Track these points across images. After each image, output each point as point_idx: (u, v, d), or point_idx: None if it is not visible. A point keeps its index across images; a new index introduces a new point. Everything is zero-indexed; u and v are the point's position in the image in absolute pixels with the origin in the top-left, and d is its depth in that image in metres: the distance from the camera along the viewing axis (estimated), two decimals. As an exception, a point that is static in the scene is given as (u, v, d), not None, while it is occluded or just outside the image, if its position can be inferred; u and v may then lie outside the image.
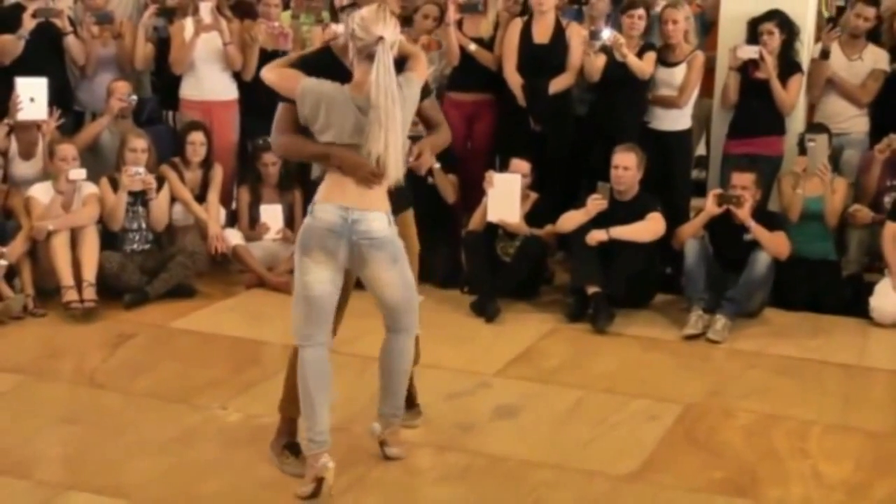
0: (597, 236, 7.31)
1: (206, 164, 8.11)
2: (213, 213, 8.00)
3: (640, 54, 7.92)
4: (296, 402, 5.00)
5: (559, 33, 8.06)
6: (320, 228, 4.71)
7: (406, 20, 8.70)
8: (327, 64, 4.77)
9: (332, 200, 4.71)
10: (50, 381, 6.27)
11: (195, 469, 5.16)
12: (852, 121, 8.28)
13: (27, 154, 7.91)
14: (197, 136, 8.03)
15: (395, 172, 4.64)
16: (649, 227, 7.39)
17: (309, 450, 4.84)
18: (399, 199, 4.97)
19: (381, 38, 4.50)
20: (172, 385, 6.19)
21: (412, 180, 7.59)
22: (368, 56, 4.54)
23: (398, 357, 5.10)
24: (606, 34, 7.80)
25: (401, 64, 4.70)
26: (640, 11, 7.95)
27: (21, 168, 7.84)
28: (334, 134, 4.63)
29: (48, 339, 6.95)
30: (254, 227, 8.14)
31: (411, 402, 5.56)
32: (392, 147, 4.56)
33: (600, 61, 7.92)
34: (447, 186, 8.01)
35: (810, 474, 5.25)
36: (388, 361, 5.10)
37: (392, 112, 4.51)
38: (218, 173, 8.13)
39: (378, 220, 4.75)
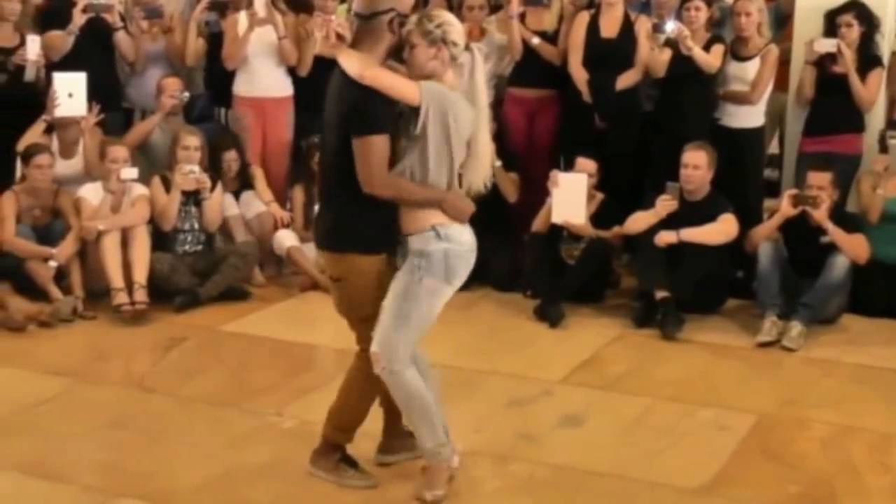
0: (666, 238, 7.25)
1: (242, 173, 8.26)
2: (264, 191, 8.25)
3: (707, 47, 7.84)
4: (348, 430, 5.01)
5: (627, 27, 8.03)
6: (466, 252, 4.75)
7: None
8: None
9: (454, 222, 4.72)
10: (99, 385, 6.31)
11: (247, 476, 5.17)
12: (935, 117, 8.16)
13: (68, 153, 7.97)
14: (230, 155, 8.16)
15: (490, 175, 4.85)
16: (721, 229, 7.31)
17: (436, 456, 4.85)
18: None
19: (468, 44, 4.70)
20: (224, 390, 6.22)
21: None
22: (457, 63, 4.68)
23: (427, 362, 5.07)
24: (670, 27, 7.73)
25: None
26: (698, 2, 7.84)
27: (61, 167, 7.88)
28: (457, 144, 4.64)
29: (97, 341, 7.01)
30: (308, 229, 8.14)
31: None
32: (491, 148, 4.82)
33: (665, 55, 7.86)
34: (508, 185, 7.98)
35: (890, 489, 5.17)
36: (429, 372, 5.01)
37: (488, 114, 4.78)
38: (258, 172, 8.32)
39: None
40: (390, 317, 4.68)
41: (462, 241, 4.73)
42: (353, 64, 4.58)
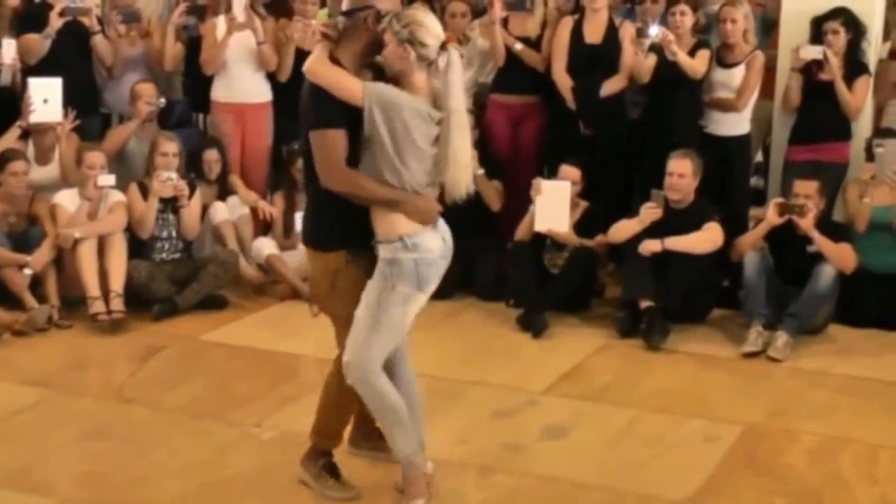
0: (651, 247, 7.29)
1: (222, 178, 8.25)
2: (247, 193, 8.28)
3: (692, 52, 7.88)
4: (332, 435, 5.04)
5: (612, 32, 8.06)
6: (437, 259, 4.72)
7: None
8: None
9: (423, 225, 4.70)
10: (76, 396, 6.31)
11: (229, 489, 5.18)
12: (922, 125, 8.21)
13: (44, 159, 7.96)
14: (211, 154, 8.16)
15: (470, 181, 4.77)
16: (706, 238, 7.35)
17: (412, 465, 4.86)
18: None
19: (445, 43, 4.61)
20: (204, 400, 6.23)
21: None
22: (430, 63, 4.62)
23: (413, 371, 5.05)
24: (655, 31, 7.76)
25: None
26: (683, 7, 7.88)
27: (37, 174, 7.88)
28: (413, 150, 4.60)
29: (74, 351, 7.01)
30: (288, 236, 8.15)
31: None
32: (471, 153, 4.75)
33: (650, 61, 7.90)
34: (492, 193, 8.02)
35: (879, 501, 5.21)
36: (413, 382, 5.01)
37: (466, 118, 4.69)
38: (237, 180, 8.33)
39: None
40: (364, 325, 4.71)
41: (431, 249, 4.70)
42: (310, 58, 4.70)
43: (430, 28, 4.63)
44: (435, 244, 4.72)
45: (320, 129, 4.64)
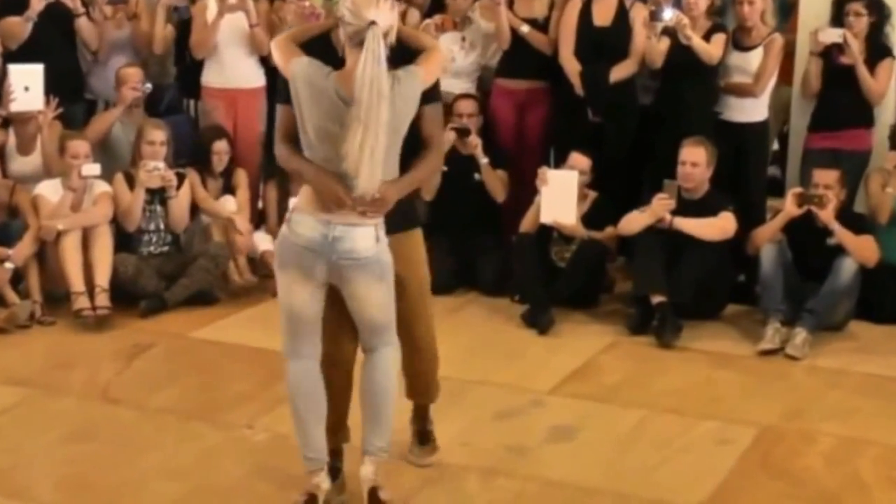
0: (664, 206, 7.30)
1: (227, 170, 8.23)
2: (244, 208, 8.16)
3: (708, 36, 7.89)
4: (331, 429, 5.00)
5: (622, 15, 8.08)
6: (296, 245, 4.63)
7: (438, 4, 8.70)
8: (322, 52, 4.68)
9: (313, 211, 4.61)
10: (59, 396, 6.33)
11: (218, 493, 5.21)
12: (948, 112, 8.21)
13: (26, 149, 7.98)
14: (221, 146, 8.13)
15: (370, 180, 4.46)
16: (718, 225, 7.34)
17: (305, 467, 4.85)
18: (404, 215, 4.88)
19: (372, 23, 4.39)
20: (193, 401, 6.25)
21: (456, 177, 7.77)
22: (360, 43, 4.42)
23: (385, 374, 4.92)
24: (669, 14, 7.76)
25: (411, 56, 4.61)
26: None
27: (19, 164, 7.92)
28: (315, 124, 4.54)
29: (57, 349, 7.04)
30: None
31: (427, 438, 5.50)
32: (368, 150, 4.38)
33: (663, 45, 7.90)
34: (496, 184, 8.03)
35: (900, 506, 5.24)
36: (377, 381, 4.90)
37: (375, 109, 4.35)
38: (243, 177, 8.25)
39: (363, 237, 4.63)
40: None
41: (298, 234, 4.62)
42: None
43: (358, 7, 4.44)
44: (305, 231, 4.62)
45: (277, 103, 4.81)
